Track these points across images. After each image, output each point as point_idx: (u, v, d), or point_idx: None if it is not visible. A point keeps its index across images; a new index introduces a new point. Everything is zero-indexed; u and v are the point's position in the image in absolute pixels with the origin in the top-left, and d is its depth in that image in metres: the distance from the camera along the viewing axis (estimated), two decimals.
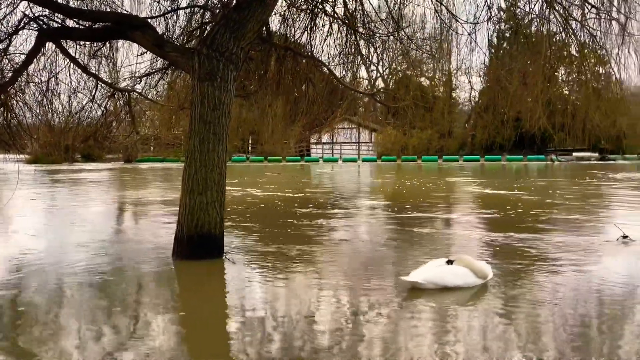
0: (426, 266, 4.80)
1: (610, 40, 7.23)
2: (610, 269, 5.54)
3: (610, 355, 3.26)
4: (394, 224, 9.26)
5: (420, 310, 4.16)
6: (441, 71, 40.52)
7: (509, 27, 13.99)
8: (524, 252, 6.34)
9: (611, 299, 4.45)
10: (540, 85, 8.14)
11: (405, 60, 16.28)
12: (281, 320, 3.97)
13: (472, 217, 10.20)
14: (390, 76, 35.02)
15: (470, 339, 3.56)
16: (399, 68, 33.74)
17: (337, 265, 5.80)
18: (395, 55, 17.36)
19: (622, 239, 6.90)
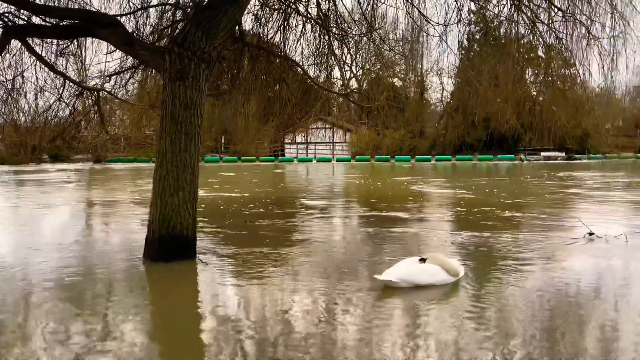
0: (399, 264, 4.85)
1: (575, 43, 7.44)
2: (579, 266, 5.70)
3: (577, 354, 3.34)
4: (367, 223, 9.31)
5: (393, 308, 4.19)
6: (413, 72, 40.98)
7: (479, 29, 14.29)
8: (491, 250, 6.46)
9: (580, 296, 4.58)
10: (509, 86, 8.32)
11: (378, 61, 16.41)
12: (255, 322, 3.94)
13: (431, 216, 10.35)
14: (364, 76, 35.27)
15: (441, 336, 3.61)
16: (373, 68, 34.02)
17: (310, 265, 5.80)
18: (369, 56, 17.48)
19: (589, 236, 7.10)
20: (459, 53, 17.70)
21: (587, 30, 6.60)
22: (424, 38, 9.20)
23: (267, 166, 37.79)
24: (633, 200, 13.11)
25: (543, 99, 18.03)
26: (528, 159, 43.04)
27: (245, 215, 10.13)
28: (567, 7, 6.51)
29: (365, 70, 33.83)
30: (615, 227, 7.88)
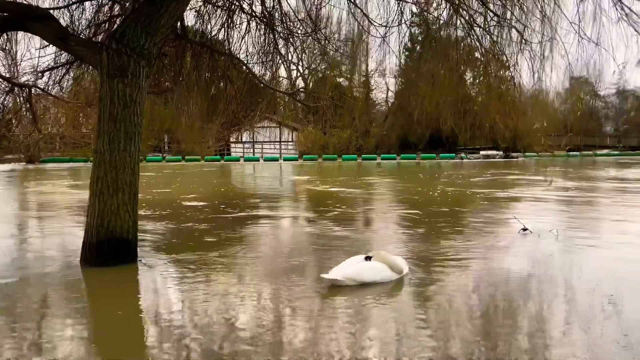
0: (345, 263, 4.90)
1: (510, 47, 7.80)
2: (513, 260, 5.98)
3: (515, 350, 3.50)
4: (313, 222, 9.35)
5: (340, 307, 4.23)
6: (359, 72, 41.53)
7: (421, 31, 14.68)
8: (431, 246, 6.66)
9: (520, 291, 4.80)
10: (447, 87, 8.60)
11: (324, 61, 16.49)
12: (200, 325, 3.86)
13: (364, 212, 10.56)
14: (310, 76, 35.41)
15: (386, 333, 3.68)
16: (319, 68, 34.21)
17: (256, 266, 5.76)
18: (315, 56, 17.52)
19: (522, 232, 7.45)
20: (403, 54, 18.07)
21: (520, 34, 6.93)
22: (368, 39, 9.35)
23: (212, 166, 37.12)
24: (563, 196, 13.91)
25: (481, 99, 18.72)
26: (468, 157, 44.70)
27: (190, 216, 9.90)
28: (502, 12, 6.81)
29: (312, 70, 33.98)
30: (546, 222, 8.32)
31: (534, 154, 47.04)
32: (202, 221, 9.20)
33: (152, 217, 9.72)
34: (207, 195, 14.33)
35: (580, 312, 4.10)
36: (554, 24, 6.76)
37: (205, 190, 16.11)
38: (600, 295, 4.45)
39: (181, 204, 11.99)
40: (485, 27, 7.23)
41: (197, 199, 13.28)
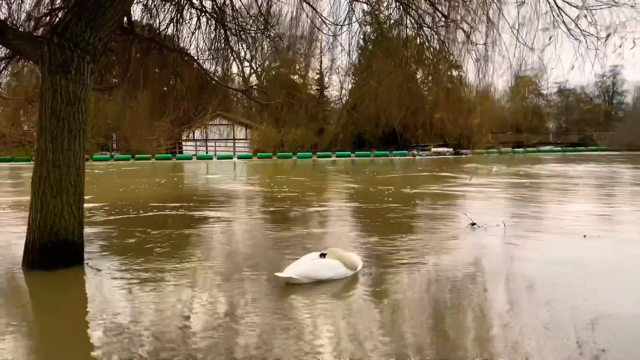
0: (300, 261, 4.91)
1: (457, 47, 8.03)
2: (463, 253, 6.17)
3: (463, 343, 3.62)
4: (266, 221, 9.31)
5: (294, 305, 4.24)
6: (313, 70, 41.58)
7: (374, 30, 14.87)
8: (384, 242, 6.78)
9: (468, 285, 4.95)
10: (398, 86, 8.76)
11: (277, 58, 16.40)
12: (151, 329, 3.76)
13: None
14: (264, 73, 35.14)
15: (340, 330, 3.72)
16: (273, 65, 34.03)
17: (209, 266, 5.67)
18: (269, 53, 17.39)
19: (471, 227, 7.71)
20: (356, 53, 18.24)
21: (467, 35, 7.15)
22: (322, 37, 9.38)
23: (163, 164, 36.23)
24: (510, 191, 14.48)
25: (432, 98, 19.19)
26: (420, 154, 45.73)
27: (139, 217, 9.62)
28: (449, 13, 7.00)
29: (265, 67, 33.76)
30: (494, 217, 8.62)
31: (482, 151, 48.71)
32: (153, 222, 8.97)
33: (99, 218, 9.39)
34: (157, 195, 13.97)
35: (525, 305, 4.28)
36: (497, 27, 7.03)
37: (156, 190, 15.71)
38: (542, 286, 4.66)
39: (130, 204, 11.64)
40: (433, 28, 7.41)
41: (148, 199, 12.93)
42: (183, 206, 11.02)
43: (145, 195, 13.84)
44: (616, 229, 8.06)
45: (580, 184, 16.36)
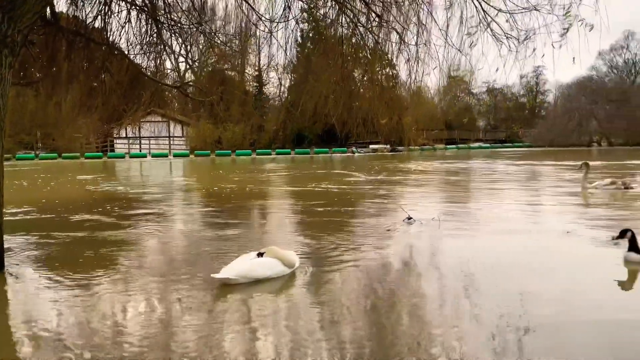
0: (237, 261, 4.84)
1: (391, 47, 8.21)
2: (399, 246, 6.33)
3: (401, 340, 3.71)
4: (197, 222, 9.13)
5: (232, 305, 4.18)
6: (251, 66, 41.12)
7: (312, 27, 14.91)
8: (322, 238, 6.83)
9: (408, 279, 5.09)
10: (335, 83, 8.84)
11: (214, 54, 16.08)
12: (80, 335, 3.57)
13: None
14: (200, 69, 34.30)
15: (280, 328, 3.70)
16: (209, 61, 33.27)
17: (142, 268, 5.47)
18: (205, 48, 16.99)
19: (407, 221, 7.92)
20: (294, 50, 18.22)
21: (400, 36, 7.34)
22: (259, 33, 9.27)
23: (93, 163, 34.59)
24: (444, 186, 15.05)
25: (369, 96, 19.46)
26: (359, 151, 46.50)
27: (63, 220, 9.11)
28: (382, 14, 7.15)
29: (202, 63, 32.94)
30: (429, 211, 8.91)
31: (417, 148, 50.31)
32: (79, 225, 8.51)
33: (21, 221, 8.80)
34: (85, 196, 13.32)
35: (455, 294, 4.47)
36: (428, 28, 7.27)
37: (83, 191, 14.96)
38: (473, 277, 4.88)
39: (55, 206, 11.00)
40: (368, 27, 7.54)
41: (74, 200, 12.29)
42: (114, 207, 10.56)
43: (71, 197, 13.14)
44: (539, 221, 8.59)
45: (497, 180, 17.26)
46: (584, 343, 3.38)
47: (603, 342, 3.39)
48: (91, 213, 9.81)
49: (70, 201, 11.87)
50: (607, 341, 3.40)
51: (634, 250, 5.10)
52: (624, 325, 3.68)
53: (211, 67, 31.46)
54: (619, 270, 5.09)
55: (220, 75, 23.01)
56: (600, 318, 3.81)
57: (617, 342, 3.38)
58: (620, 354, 3.23)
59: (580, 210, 9.61)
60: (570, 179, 15.21)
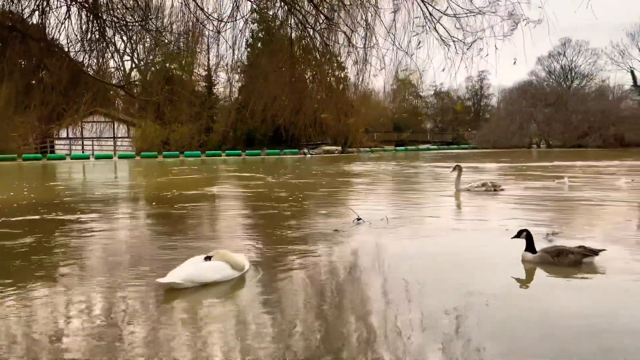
0: (184, 265, 4.72)
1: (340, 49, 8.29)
2: (351, 250, 6.37)
3: (351, 341, 3.73)
4: (147, 225, 8.87)
5: (179, 310, 4.07)
6: (200, 66, 40.30)
7: (262, 28, 14.81)
8: (271, 238, 6.80)
9: (358, 280, 5.13)
10: (285, 84, 8.82)
11: (160, 53, 15.65)
12: (21, 346, 3.37)
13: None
14: (147, 68, 33.28)
15: (228, 333, 3.64)
16: (156, 60, 32.34)
17: (84, 275, 5.24)
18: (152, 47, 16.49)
19: (357, 222, 7.99)
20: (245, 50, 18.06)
21: (348, 38, 7.41)
22: (208, 33, 9.12)
23: (32, 165, 32.88)
24: (395, 187, 15.32)
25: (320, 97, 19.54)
26: (310, 152, 46.65)
27: (3, 223, 8.60)
28: (331, 16, 7.20)
29: (149, 62, 31.97)
30: (378, 211, 9.04)
31: (367, 149, 51.05)
32: (18, 230, 8.05)
33: None
34: (22, 200, 12.63)
35: (403, 294, 4.55)
36: (377, 31, 7.39)
37: (21, 194, 14.18)
38: (419, 277, 4.99)
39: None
40: (317, 29, 7.57)
41: (10, 204, 11.63)
42: (55, 211, 10.06)
43: (7, 201, 12.42)
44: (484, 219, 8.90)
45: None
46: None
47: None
48: (30, 215, 9.30)
49: (5, 204, 11.21)
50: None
51: (529, 249, 5.34)
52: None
53: (159, 67, 30.64)
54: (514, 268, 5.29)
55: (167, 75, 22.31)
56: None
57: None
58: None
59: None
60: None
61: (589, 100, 61.17)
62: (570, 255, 5.10)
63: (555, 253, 5.17)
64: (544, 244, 5.86)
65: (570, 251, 5.14)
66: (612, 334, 3.49)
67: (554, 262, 5.13)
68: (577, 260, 5.08)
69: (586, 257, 5.12)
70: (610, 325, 3.64)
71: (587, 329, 3.59)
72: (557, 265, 5.13)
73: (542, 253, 5.25)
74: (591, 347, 3.30)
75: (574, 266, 5.08)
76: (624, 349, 3.25)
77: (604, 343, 3.34)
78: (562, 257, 5.11)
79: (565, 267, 5.09)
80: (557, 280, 4.89)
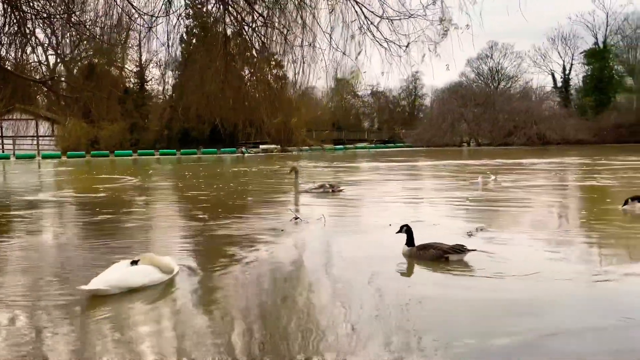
0: (109, 270, 4.50)
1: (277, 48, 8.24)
2: (288, 249, 6.34)
3: (290, 334, 3.71)
4: (70, 230, 8.41)
5: (105, 317, 3.86)
6: (132, 62, 38.80)
7: (196, 24, 14.46)
8: (205, 239, 6.65)
9: (291, 278, 5.10)
10: (221, 82, 8.66)
11: (90, 47, 14.93)
12: None
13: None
14: (74, 63, 31.54)
15: (159, 338, 3.51)
16: (83, 55, 30.70)
17: (5, 280, 4.88)
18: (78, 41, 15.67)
19: (294, 220, 7.99)
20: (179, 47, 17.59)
21: (285, 37, 7.38)
22: (140, 28, 8.78)
23: None
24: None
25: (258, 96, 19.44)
26: (248, 151, 46.15)
27: None
28: (267, 14, 7.14)
29: (75, 57, 30.29)
30: (315, 211, 9.07)
31: (306, 148, 51.23)
32: None
33: None
34: None
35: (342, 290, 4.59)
36: (313, 31, 7.41)
37: None
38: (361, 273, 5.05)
39: None
40: (253, 27, 7.48)
41: None
42: None
43: None
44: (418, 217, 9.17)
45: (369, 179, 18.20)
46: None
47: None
48: None
49: None
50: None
51: (409, 244, 5.62)
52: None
53: (86, 62, 29.13)
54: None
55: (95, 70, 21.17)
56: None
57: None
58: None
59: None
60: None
61: (514, 100, 64.83)
62: (431, 250, 5.39)
63: (421, 247, 5.50)
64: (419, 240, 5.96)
65: (433, 247, 5.42)
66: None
67: (418, 255, 5.46)
68: (438, 255, 5.35)
69: (449, 254, 5.34)
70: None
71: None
72: (420, 258, 5.43)
73: (412, 247, 5.56)
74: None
75: (436, 260, 5.34)
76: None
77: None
78: (424, 252, 5.43)
79: (429, 261, 5.35)
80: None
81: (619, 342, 3.40)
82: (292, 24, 7.37)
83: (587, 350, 3.30)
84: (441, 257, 5.33)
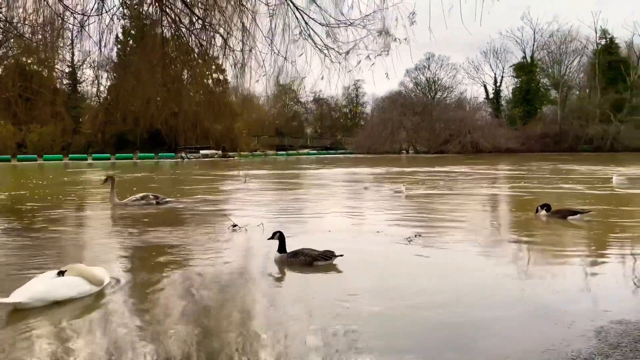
0: (32, 282, 4.21)
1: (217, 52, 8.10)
2: (225, 254, 6.23)
3: (227, 342, 3.62)
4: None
5: (30, 334, 3.61)
6: (63, 62, 36.96)
7: (133, 24, 13.95)
8: (136, 249, 6.41)
9: (227, 285, 5.00)
10: (159, 85, 8.41)
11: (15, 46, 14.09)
12: None
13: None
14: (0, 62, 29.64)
15: (95, 347, 3.33)
16: (10, 53, 28.93)
17: None
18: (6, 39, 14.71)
19: (232, 228, 7.85)
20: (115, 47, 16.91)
21: (225, 41, 7.27)
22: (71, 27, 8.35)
23: None
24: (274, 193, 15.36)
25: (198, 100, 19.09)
26: (188, 157, 45.07)
27: None
28: (205, 17, 7.01)
29: (2, 55, 28.46)
30: (253, 218, 8.97)
31: (248, 154, 50.76)
32: None
33: None
34: None
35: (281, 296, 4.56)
36: (253, 35, 7.35)
37: None
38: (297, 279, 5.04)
39: None
40: (191, 29, 7.32)
41: None
42: None
43: None
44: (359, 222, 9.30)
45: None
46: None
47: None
48: None
49: None
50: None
51: (280, 250, 5.75)
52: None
53: (12, 60, 27.44)
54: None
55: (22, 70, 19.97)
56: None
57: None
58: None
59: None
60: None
61: (450, 110, 67.58)
62: (301, 256, 5.55)
63: (292, 254, 5.64)
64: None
65: (303, 253, 5.58)
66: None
67: (289, 262, 5.58)
68: (307, 262, 5.50)
69: (318, 260, 5.51)
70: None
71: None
72: (291, 265, 5.54)
73: (284, 254, 5.68)
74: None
75: (307, 266, 5.49)
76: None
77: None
78: (295, 258, 5.58)
79: (299, 266, 5.49)
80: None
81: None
82: (233, 28, 7.28)
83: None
84: (311, 264, 5.47)
